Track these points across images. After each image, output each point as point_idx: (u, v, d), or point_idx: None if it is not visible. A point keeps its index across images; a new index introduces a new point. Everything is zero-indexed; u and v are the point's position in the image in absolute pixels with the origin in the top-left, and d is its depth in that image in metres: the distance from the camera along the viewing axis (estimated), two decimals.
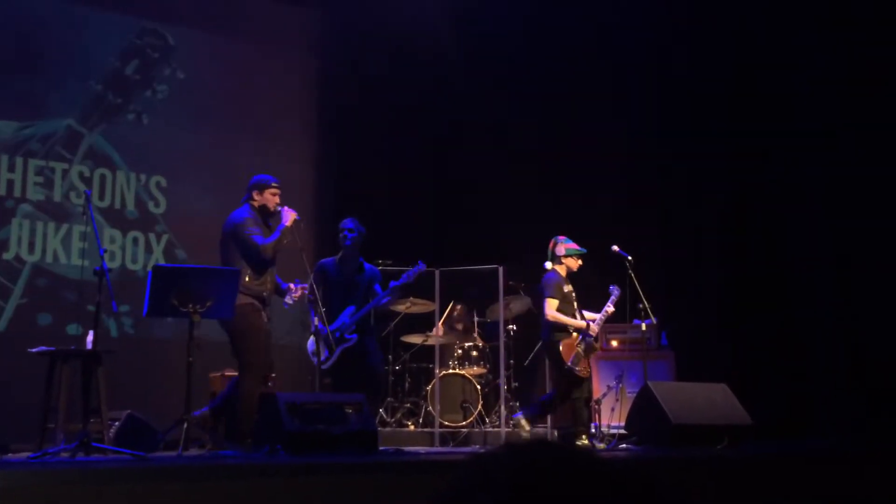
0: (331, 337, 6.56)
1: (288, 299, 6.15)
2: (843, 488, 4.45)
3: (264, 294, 5.88)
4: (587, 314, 7.13)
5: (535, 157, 9.88)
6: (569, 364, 6.88)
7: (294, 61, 9.98)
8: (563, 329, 6.94)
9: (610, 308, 7.08)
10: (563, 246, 7.11)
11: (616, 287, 7.17)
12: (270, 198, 6.08)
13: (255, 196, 6.04)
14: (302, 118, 9.90)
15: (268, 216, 6.07)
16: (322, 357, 6.52)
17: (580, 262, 7.15)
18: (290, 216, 5.95)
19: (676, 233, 9.10)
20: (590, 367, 7.07)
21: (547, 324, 6.98)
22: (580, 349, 6.92)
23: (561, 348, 6.89)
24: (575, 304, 7.09)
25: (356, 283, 6.83)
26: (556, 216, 9.54)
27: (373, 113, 9.80)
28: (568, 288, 7.07)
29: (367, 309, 6.72)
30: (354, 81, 9.82)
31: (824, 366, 8.23)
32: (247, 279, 5.81)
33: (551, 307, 6.92)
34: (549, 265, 7.17)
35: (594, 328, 7.00)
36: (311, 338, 6.56)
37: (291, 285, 6.17)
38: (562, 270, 7.11)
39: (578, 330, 6.96)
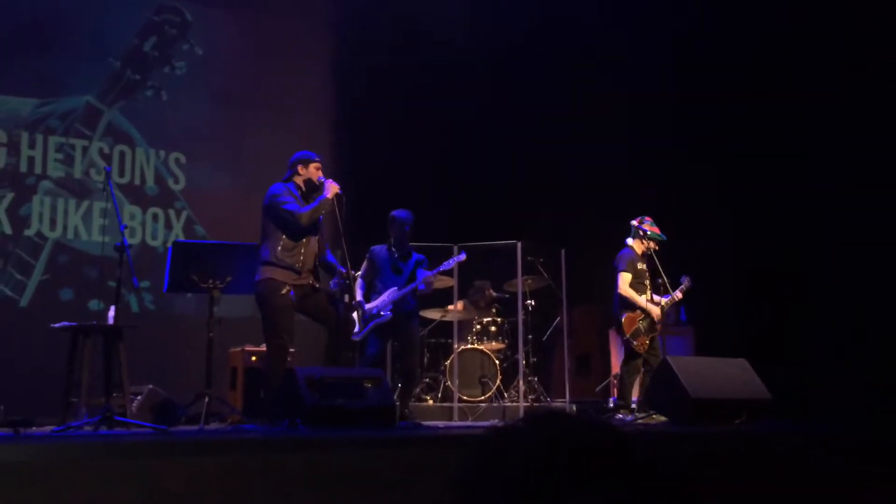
0: (361, 311, 6.69)
1: (333, 286, 6.18)
2: (857, 468, 4.44)
3: (297, 265, 5.85)
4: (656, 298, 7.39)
5: (552, 136, 9.83)
6: (627, 336, 7.20)
7: (311, 38, 9.96)
8: (631, 305, 7.23)
9: (678, 294, 7.35)
10: (649, 227, 7.36)
11: (687, 277, 7.42)
12: (315, 172, 6.07)
13: (300, 170, 6.02)
14: (318, 96, 9.88)
15: (312, 191, 6.06)
16: (356, 328, 6.65)
17: (657, 247, 7.37)
18: (332, 189, 5.93)
19: (694, 208, 9.04)
20: (648, 345, 7.25)
21: (617, 297, 7.28)
22: (641, 325, 7.22)
23: (623, 320, 7.21)
24: (647, 282, 7.35)
25: (401, 268, 6.92)
26: (573, 193, 9.54)
27: (389, 89, 9.77)
28: (641, 266, 7.34)
29: (407, 290, 6.79)
30: (371, 60, 9.79)
31: (836, 344, 8.19)
32: (279, 249, 5.78)
33: (624, 281, 7.25)
34: (629, 241, 7.41)
35: (655, 311, 7.25)
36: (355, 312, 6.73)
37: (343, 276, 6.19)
38: (638, 248, 7.37)
39: (643, 309, 7.24)
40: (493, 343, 8.49)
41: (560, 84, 9.82)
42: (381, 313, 6.76)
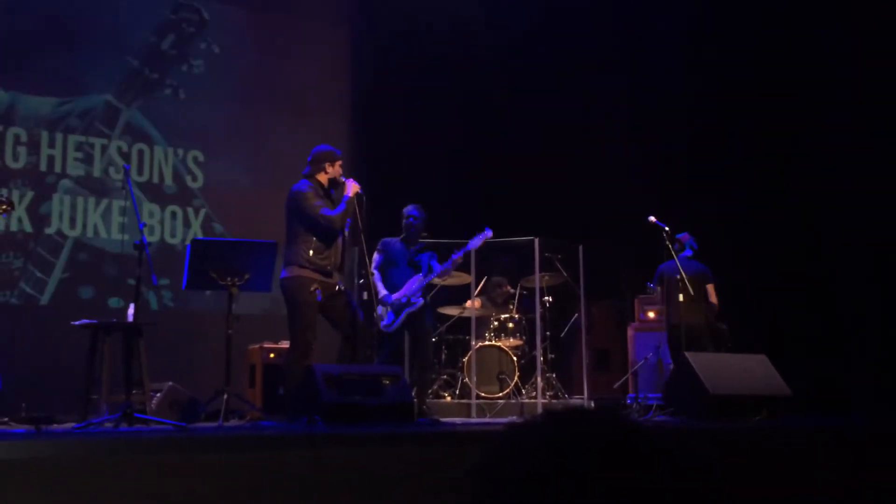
0: (387, 305, 6.73)
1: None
2: (880, 466, 4.40)
3: (328, 267, 5.88)
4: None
5: (571, 131, 9.80)
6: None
7: (328, 36, 9.97)
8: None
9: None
10: (694, 241, 7.82)
11: None
12: (339, 169, 6.10)
13: (328, 168, 6.02)
14: (335, 92, 9.90)
15: (332, 187, 6.08)
16: (386, 321, 6.68)
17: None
18: (354, 188, 5.96)
19: (712, 203, 9.00)
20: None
21: (713, 308, 7.56)
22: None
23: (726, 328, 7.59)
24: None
25: (416, 262, 6.99)
26: (592, 189, 9.51)
27: (405, 84, 9.77)
28: (675, 277, 7.57)
29: (433, 276, 6.85)
30: (387, 56, 9.80)
31: (861, 340, 8.14)
32: (311, 253, 5.81)
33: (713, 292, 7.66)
34: (690, 253, 7.74)
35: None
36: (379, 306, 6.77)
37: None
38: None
39: None
40: (511, 339, 8.48)
41: (577, 74, 9.78)
42: (412, 301, 6.80)
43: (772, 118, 8.75)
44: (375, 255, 6.91)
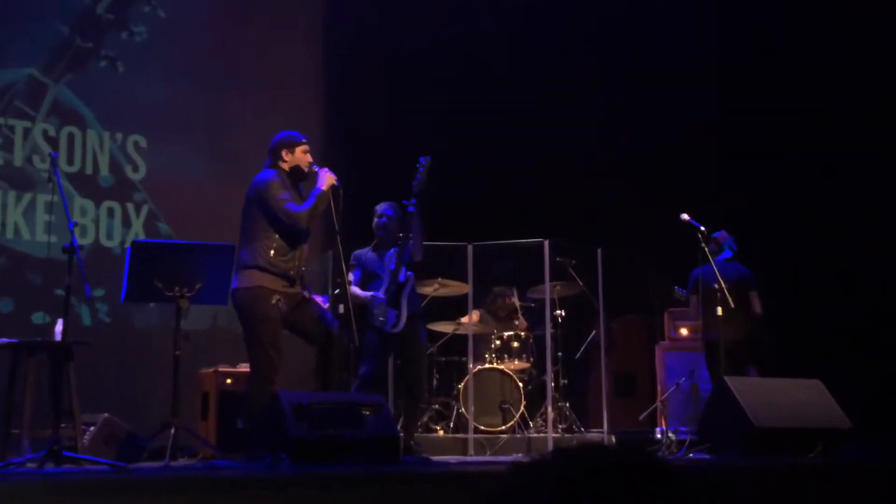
0: (381, 305, 6.70)
1: (339, 310, 6.19)
2: None
3: (291, 272, 5.87)
4: None
5: (584, 110, 9.83)
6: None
7: (298, 1, 10.01)
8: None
9: None
10: (733, 240, 7.86)
11: None
12: (302, 157, 6.06)
13: (285, 156, 6.01)
14: (306, 67, 9.90)
15: (300, 179, 6.06)
16: (391, 320, 6.67)
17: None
18: (328, 179, 5.94)
19: (749, 199, 9.07)
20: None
21: (756, 319, 7.53)
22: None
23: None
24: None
25: (386, 265, 6.92)
26: (611, 182, 9.54)
27: (389, 58, 9.78)
28: (714, 285, 7.51)
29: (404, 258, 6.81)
30: (369, 24, 9.80)
31: None
32: (271, 254, 5.79)
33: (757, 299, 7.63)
34: (730, 254, 7.75)
35: None
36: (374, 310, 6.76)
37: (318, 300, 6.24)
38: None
39: None
40: (516, 361, 8.48)
41: (591, 51, 9.83)
42: (400, 278, 6.76)
43: (815, 105, 8.85)
44: (351, 274, 6.87)
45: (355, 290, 6.78)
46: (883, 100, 8.73)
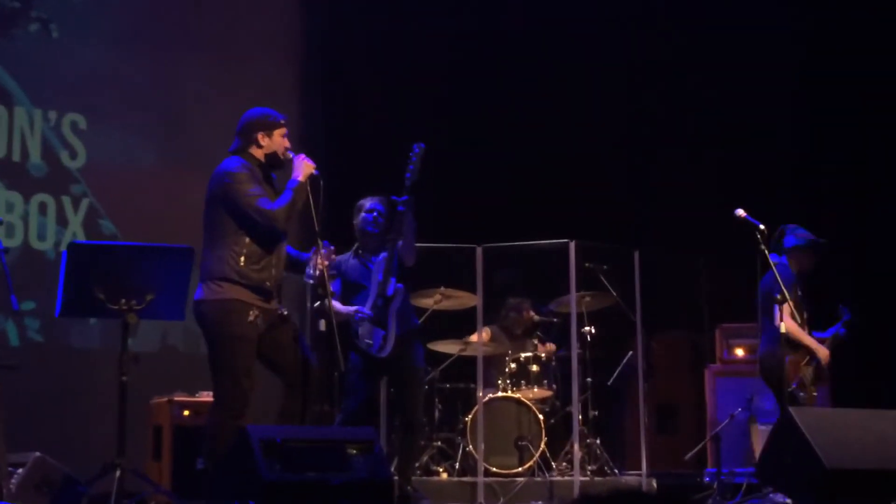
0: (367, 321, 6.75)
1: (311, 269, 6.10)
2: None
3: (267, 283, 5.84)
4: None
5: (616, 83, 9.86)
6: (793, 386, 7.23)
7: None
8: (796, 345, 7.33)
9: (841, 331, 7.57)
10: (794, 234, 7.55)
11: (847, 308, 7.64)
12: (280, 141, 5.99)
13: (261, 140, 5.96)
14: (281, 35, 9.89)
15: (274, 167, 6.03)
16: (376, 342, 6.70)
17: (815, 257, 7.56)
18: (306, 168, 5.91)
19: (826, 201, 9.11)
20: (814, 399, 7.41)
21: (775, 335, 7.26)
22: (807, 373, 7.37)
23: (787, 363, 7.19)
24: (804, 314, 7.49)
25: (371, 270, 6.92)
26: (650, 173, 9.55)
27: (380, 27, 9.80)
28: (798, 292, 7.47)
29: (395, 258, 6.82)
30: None
31: None
32: (241, 262, 5.75)
33: (787, 313, 7.26)
34: (777, 258, 7.53)
35: (824, 352, 7.43)
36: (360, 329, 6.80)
37: (320, 248, 6.05)
38: (794, 266, 7.52)
39: (810, 349, 7.40)
40: (535, 389, 8.47)
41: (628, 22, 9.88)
42: (387, 291, 6.77)
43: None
44: (331, 286, 6.84)
45: (337, 304, 6.77)
46: None
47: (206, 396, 6.87)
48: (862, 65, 9.31)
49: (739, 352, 8.99)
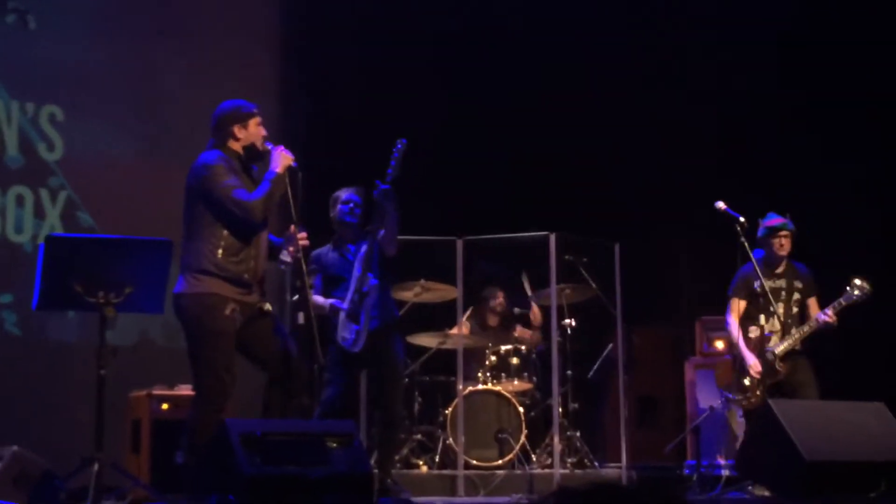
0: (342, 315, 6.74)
1: (285, 256, 6.10)
2: None
3: (246, 276, 5.83)
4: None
5: (599, 72, 9.85)
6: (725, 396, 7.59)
7: None
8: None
9: (826, 315, 7.37)
10: (764, 223, 7.60)
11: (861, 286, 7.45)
12: (257, 131, 5.99)
13: (238, 132, 5.95)
14: (260, 26, 9.87)
15: (254, 159, 6.03)
16: (350, 336, 6.70)
17: (785, 241, 7.54)
18: (283, 160, 5.91)
19: (816, 190, 9.13)
20: (760, 400, 7.30)
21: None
22: (742, 376, 7.43)
23: (716, 370, 7.62)
24: (780, 305, 7.47)
25: (351, 262, 6.92)
26: (632, 164, 9.54)
27: (362, 15, 9.77)
28: (767, 283, 7.42)
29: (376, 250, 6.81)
30: None
31: None
32: (219, 254, 5.75)
33: (732, 311, 7.58)
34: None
35: (753, 364, 7.40)
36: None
37: (295, 233, 6.03)
38: (768, 256, 7.60)
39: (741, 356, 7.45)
40: (516, 382, 8.48)
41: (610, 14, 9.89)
42: (365, 288, 6.76)
43: None
44: (311, 279, 6.85)
45: (317, 298, 6.78)
46: None
47: (185, 390, 6.87)
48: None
49: (719, 345, 8.99)
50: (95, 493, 5.46)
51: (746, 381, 7.31)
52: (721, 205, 7.38)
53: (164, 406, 7.30)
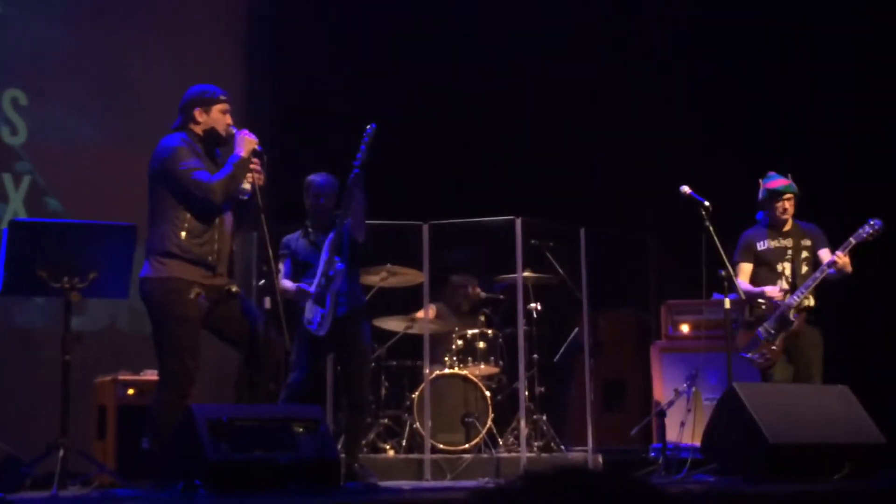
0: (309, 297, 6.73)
1: (244, 184, 6.05)
2: None
3: (210, 258, 5.83)
4: None
5: (563, 58, 9.86)
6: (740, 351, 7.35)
7: None
8: (756, 301, 7.45)
9: (836, 256, 7.23)
10: (765, 185, 7.56)
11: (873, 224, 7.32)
12: (220, 117, 6.00)
13: (199, 116, 5.96)
14: (227, 10, 9.82)
15: (216, 144, 6.02)
16: (315, 319, 6.70)
17: (788, 204, 7.50)
18: (248, 144, 5.90)
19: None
20: (777, 355, 7.35)
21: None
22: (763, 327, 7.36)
23: (738, 333, 7.43)
24: (786, 264, 7.46)
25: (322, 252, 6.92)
26: (596, 147, 9.56)
27: (325, 3, 9.75)
28: (772, 244, 7.50)
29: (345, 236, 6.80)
30: None
31: None
32: (182, 236, 5.74)
33: (741, 275, 7.48)
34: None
35: (774, 292, 7.37)
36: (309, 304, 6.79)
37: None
38: (770, 218, 7.59)
39: (763, 295, 7.40)
40: (482, 366, 8.50)
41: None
42: (331, 272, 6.75)
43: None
44: (281, 265, 6.92)
45: (286, 282, 6.79)
46: None
47: (151, 375, 6.85)
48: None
49: (685, 328, 9.03)
50: (61, 479, 5.45)
51: (762, 332, 7.31)
52: (686, 189, 7.40)
53: (130, 391, 7.28)
